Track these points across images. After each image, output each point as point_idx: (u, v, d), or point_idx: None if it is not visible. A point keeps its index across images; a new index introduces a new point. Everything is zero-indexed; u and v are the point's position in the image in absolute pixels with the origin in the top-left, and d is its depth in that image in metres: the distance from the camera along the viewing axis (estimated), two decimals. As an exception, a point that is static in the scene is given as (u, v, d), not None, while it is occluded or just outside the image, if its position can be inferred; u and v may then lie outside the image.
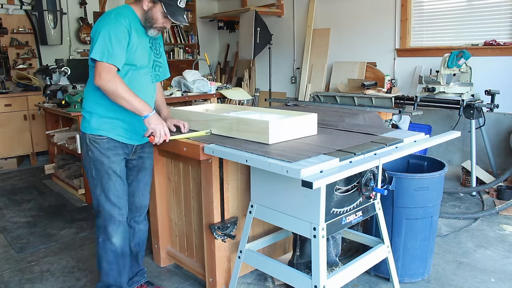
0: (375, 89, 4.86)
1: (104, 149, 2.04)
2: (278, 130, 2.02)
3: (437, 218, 2.52)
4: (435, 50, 4.78)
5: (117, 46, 1.90)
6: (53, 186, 4.54)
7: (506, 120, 4.36)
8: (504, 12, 4.32)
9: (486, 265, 2.69)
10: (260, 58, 6.74)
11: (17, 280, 2.64)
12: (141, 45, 2.04)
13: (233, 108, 2.63)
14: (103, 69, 1.88)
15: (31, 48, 5.86)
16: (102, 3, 6.58)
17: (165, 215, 2.70)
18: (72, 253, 2.98)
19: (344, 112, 3.12)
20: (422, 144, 2.09)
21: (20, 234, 3.32)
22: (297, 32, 6.42)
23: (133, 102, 1.92)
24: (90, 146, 2.05)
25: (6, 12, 5.64)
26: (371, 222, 2.47)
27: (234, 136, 2.14)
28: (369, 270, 2.48)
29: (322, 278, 1.79)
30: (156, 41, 2.17)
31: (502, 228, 3.25)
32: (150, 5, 2.00)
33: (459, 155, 4.72)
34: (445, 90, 4.22)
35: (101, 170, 2.05)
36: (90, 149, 2.05)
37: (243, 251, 2.18)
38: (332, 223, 1.85)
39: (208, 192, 2.23)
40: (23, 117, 5.38)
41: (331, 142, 2.03)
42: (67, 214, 3.71)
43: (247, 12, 6.18)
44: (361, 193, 1.95)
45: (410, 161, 2.71)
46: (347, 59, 5.73)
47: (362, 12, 5.51)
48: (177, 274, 2.66)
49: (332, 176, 1.58)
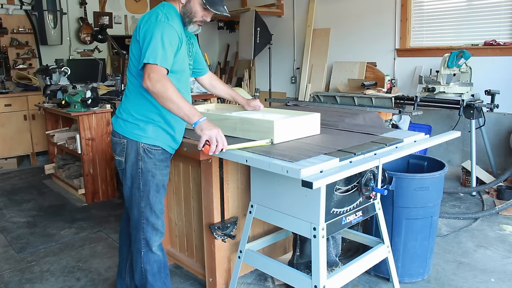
0: (375, 89, 4.86)
1: (158, 160, 1.93)
2: (283, 129, 2.02)
3: (437, 218, 2.52)
4: (435, 50, 4.78)
5: (169, 52, 1.79)
6: (53, 186, 4.54)
7: (506, 120, 4.36)
8: (504, 12, 4.32)
9: (486, 265, 2.69)
10: (260, 58, 6.74)
11: (17, 280, 2.64)
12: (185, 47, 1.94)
13: (234, 108, 2.63)
14: (152, 70, 1.74)
15: (31, 48, 5.86)
16: (102, 3, 6.59)
17: (165, 215, 2.69)
18: (72, 253, 2.98)
19: (344, 112, 3.12)
20: (422, 144, 2.09)
21: (20, 234, 3.32)
22: (297, 32, 6.42)
23: (183, 107, 1.74)
24: (143, 156, 1.90)
25: (6, 12, 5.64)
26: (371, 222, 2.47)
27: (238, 136, 2.13)
28: (369, 270, 2.47)
29: (322, 278, 1.79)
30: (190, 41, 2.05)
31: (502, 228, 3.25)
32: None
33: (459, 155, 4.72)
34: (445, 90, 4.22)
35: (151, 182, 1.93)
36: (143, 160, 1.90)
37: (243, 251, 2.18)
38: (332, 223, 1.85)
39: (208, 192, 2.23)
40: (23, 117, 5.38)
41: (331, 142, 2.03)
42: (67, 214, 3.71)
43: (247, 12, 6.18)
44: (361, 193, 1.95)
45: (410, 161, 2.71)
46: (347, 59, 5.73)
47: (362, 12, 5.51)
48: (177, 274, 2.66)
49: (332, 176, 1.58)
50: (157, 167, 1.93)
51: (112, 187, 4.09)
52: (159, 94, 1.72)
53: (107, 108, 3.97)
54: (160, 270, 2.06)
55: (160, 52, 1.75)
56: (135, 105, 1.93)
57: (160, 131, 1.93)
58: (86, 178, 3.93)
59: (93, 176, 3.96)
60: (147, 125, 1.91)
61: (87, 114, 3.85)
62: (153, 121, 1.92)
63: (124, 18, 6.91)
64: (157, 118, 1.92)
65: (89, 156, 3.91)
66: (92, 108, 3.88)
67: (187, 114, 1.76)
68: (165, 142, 1.95)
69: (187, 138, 2.17)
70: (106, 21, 6.54)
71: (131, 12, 6.97)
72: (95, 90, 3.90)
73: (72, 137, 4.21)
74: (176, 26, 1.84)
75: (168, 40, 1.78)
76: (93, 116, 3.88)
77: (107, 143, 3.99)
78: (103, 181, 4.02)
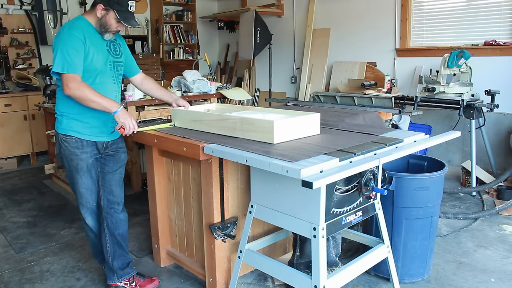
0: (375, 89, 4.86)
1: (72, 147, 2.26)
2: (282, 129, 2.03)
3: (437, 218, 2.52)
4: (435, 50, 4.78)
5: (75, 56, 2.09)
6: (53, 186, 4.54)
7: (506, 120, 4.36)
8: (504, 12, 4.32)
9: (486, 265, 2.69)
10: (260, 58, 6.75)
11: (17, 280, 2.64)
12: (97, 50, 2.21)
13: (235, 108, 2.64)
14: (68, 80, 2.08)
15: (31, 48, 5.86)
16: (102, 3, 6.58)
17: (165, 215, 2.70)
18: (72, 253, 2.98)
19: (344, 112, 3.12)
20: (422, 144, 2.09)
21: (20, 234, 3.32)
22: (297, 32, 6.42)
23: (101, 102, 2.12)
24: (61, 145, 2.29)
25: (6, 12, 5.64)
26: (371, 222, 2.47)
27: (238, 136, 2.14)
28: (369, 270, 2.48)
29: (322, 278, 1.79)
30: (115, 42, 2.35)
31: (502, 228, 3.25)
32: (104, 12, 2.18)
33: (459, 155, 4.72)
34: (445, 90, 4.22)
35: (71, 165, 2.30)
36: (62, 147, 2.30)
37: (243, 251, 2.18)
38: (332, 223, 1.85)
39: (208, 192, 2.23)
40: (23, 117, 5.38)
41: (331, 142, 2.03)
42: (67, 214, 3.71)
43: (247, 12, 6.18)
44: (361, 193, 1.95)
45: (410, 161, 2.71)
46: (347, 59, 5.73)
47: (362, 12, 5.51)
48: (177, 274, 2.66)
49: (332, 176, 1.58)
50: (72, 153, 2.27)
51: (112, 187, 4.09)
52: (80, 98, 2.10)
53: (107, 108, 3.96)
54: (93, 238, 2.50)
55: (66, 60, 2.08)
56: (57, 103, 2.31)
57: (73, 122, 2.25)
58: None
59: (93, 176, 3.95)
60: (62, 118, 2.27)
61: (87, 114, 3.84)
62: (67, 114, 2.25)
63: (124, 18, 6.90)
64: (71, 111, 2.24)
65: (89, 156, 3.91)
66: (92, 108, 3.88)
67: (106, 107, 2.15)
68: (78, 131, 2.25)
69: (187, 138, 2.18)
70: (106, 21, 6.53)
71: (131, 12, 6.97)
72: (95, 90, 3.90)
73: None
74: (78, 33, 2.13)
75: (71, 46, 2.09)
76: (93, 116, 3.88)
77: (107, 143, 3.99)
78: (103, 181, 4.02)
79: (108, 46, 2.30)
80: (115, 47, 2.34)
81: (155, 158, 2.59)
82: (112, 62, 2.31)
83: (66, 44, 2.09)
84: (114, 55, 2.33)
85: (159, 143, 2.32)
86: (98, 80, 2.24)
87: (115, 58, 2.34)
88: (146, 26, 7.19)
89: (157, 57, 6.95)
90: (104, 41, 2.26)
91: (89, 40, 2.16)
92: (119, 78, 2.39)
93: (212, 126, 2.29)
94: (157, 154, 2.59)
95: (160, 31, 7.05)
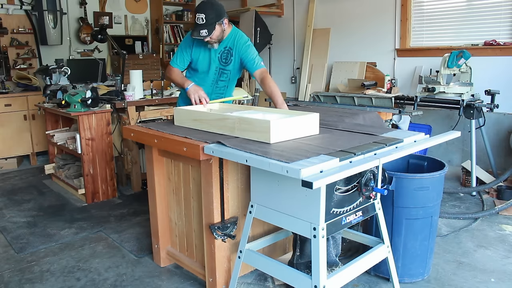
0: (375, 89, 4.86)
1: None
2: (279, 129, 2.03)
3: (437, 218, 2.52)
4: (435, 50, 4.78)
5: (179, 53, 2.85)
6: (53, 186, 4.54)
7: (506, 120, 4.36)
8: (504, 12, 4.32)
9: (486, 265, 2.69)
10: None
11: (17, 280, 2.64)
12: (202, 56, 2.82)
13: (236, 108, 2.65)
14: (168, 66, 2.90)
15: (31, 48, 5.86)
16: (102, 3, 6.59)
17: (165, 215, 2.70)
18: (72, 253, 2.98)
19: (344, 112, 3.12)
20: (422, 144, 2.09)
21: (20, 234, 3.32)
22: (297, 32, 6.42)
23: (176, 81, 2.84)
24: None
25: (6, 12, 5.64)
26: (371, 222, 2.47)
27: (236, 135, 2.16)
28: (369, 270, 2.48)
29: (322, 278, 1.79)
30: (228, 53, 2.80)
31: (502, 228, 3.25)
32: None
33: (459, 155, 4.72)
34: (445, 90, 4.22)
35: None
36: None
37: (243, 251, 2.18)
38: (332, 223, 1.85)
39: (208, 192, 2.23)
40: (23, 117, 5.38)
41: (331, 142, 2.03)
42: (67, 214, 3.71)
43: (247, 12, 6.18)
44: (361, 193, 1.95)
45: (410, 161, 2.71)
46: (347, 59, 5.73)
47: (362, 12, 5.51)
48: (177, 274, 2.66)
49: (332, 176, 1.58)
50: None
51: (112, 187, 4.09)
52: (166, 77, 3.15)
53: (107, 108, 3.97)
54: None
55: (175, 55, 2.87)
56: None
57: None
58: (86, 178, 3.93)
59: (93, 176, 3.96)
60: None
61: (87, 114, 3.85)
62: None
63: (124, 18, 6.91)
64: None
65: (89, 156, 3.91)
66: (92, 108, 3.88)
67: (180, 84, 2.82)
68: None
69: (187, 138, 2.18)
70: (106, 21, 6.54)
71: (131, 12, 6.97)
72: (95, 90, 3.90)
73: (72, 137, 4.21)
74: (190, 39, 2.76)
75: (180, 47, 2.86)
76: (93, 116, 3.88)
77: (107, 143, 4.00)
78: (103, 181, 4.02)
79: (219, 54, 2.80)
80: (226, 56, 2.81)
81: (155, 158, 2.59)
82: (218, 68, 2.85)
83: (181, 45, 2.85)
84: (223, 63, 2.83)
85: (159, 143, 2.32)
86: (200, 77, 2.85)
87: (222, 66, 2.84)
88: (146, 26, 7.19)
89: (157, 57, 6.95)
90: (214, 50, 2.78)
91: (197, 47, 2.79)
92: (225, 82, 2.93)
93: (212, 126, 2.30)
94: (157, 154, 2.59)
95: (160, 31, 7.05)
